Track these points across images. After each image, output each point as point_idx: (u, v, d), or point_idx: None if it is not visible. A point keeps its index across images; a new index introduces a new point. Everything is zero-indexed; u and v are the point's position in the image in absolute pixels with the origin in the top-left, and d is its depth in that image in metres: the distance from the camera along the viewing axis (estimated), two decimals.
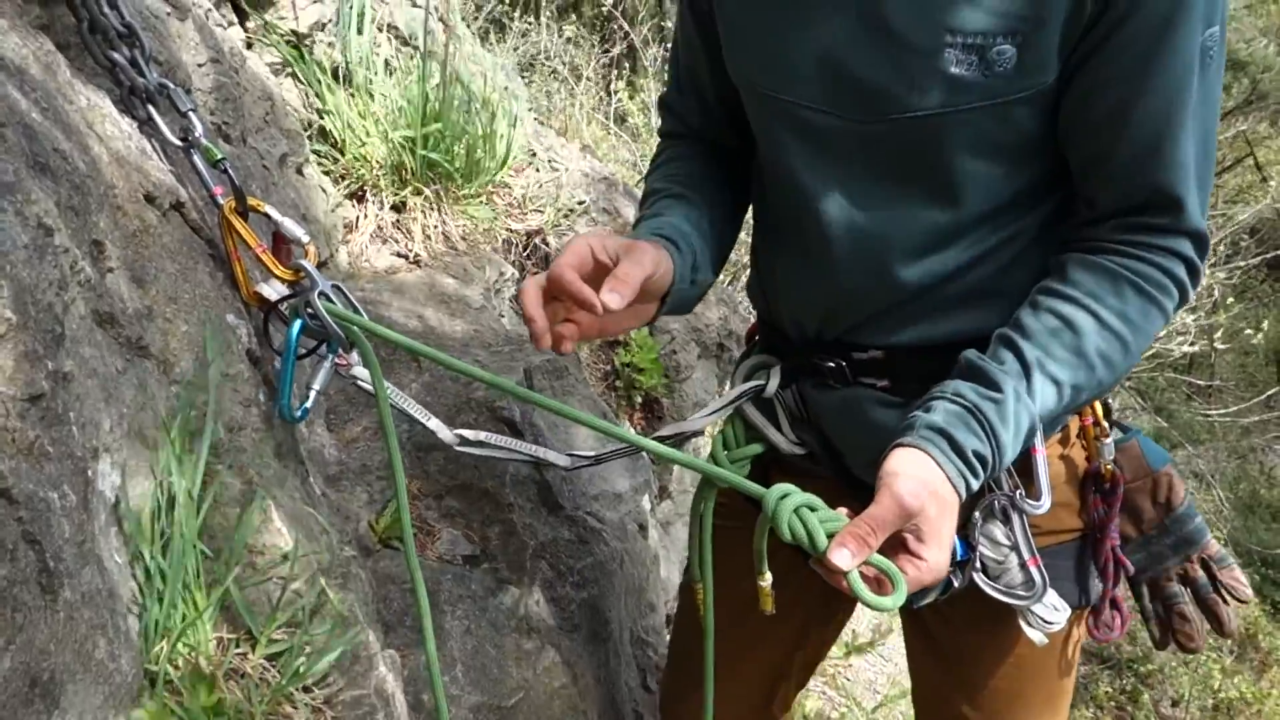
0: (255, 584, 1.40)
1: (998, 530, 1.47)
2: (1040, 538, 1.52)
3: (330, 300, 1.49)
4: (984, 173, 1.37)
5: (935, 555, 1.24)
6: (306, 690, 1.41)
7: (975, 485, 1.29)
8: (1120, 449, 1.62)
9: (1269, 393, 13.50)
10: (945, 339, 1.46)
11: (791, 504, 1.27)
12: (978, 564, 1.47)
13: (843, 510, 1.28)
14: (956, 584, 1.47)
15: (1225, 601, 1.62)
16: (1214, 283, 9.50)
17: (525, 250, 3.42)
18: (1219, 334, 9.24)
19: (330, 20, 3.08)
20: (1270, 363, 16.48)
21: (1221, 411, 11.34)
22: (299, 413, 1.59)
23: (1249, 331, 11.05)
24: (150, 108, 1.59)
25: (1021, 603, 1.47)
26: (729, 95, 1.59)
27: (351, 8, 3.11)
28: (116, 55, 1.55)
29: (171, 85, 1.60)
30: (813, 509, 1.27)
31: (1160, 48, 1.25)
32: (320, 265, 2.62)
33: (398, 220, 3.05)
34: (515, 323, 2.93)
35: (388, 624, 1.77)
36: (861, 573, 1.21)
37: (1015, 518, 1.46)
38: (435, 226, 3.06)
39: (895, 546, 1.24)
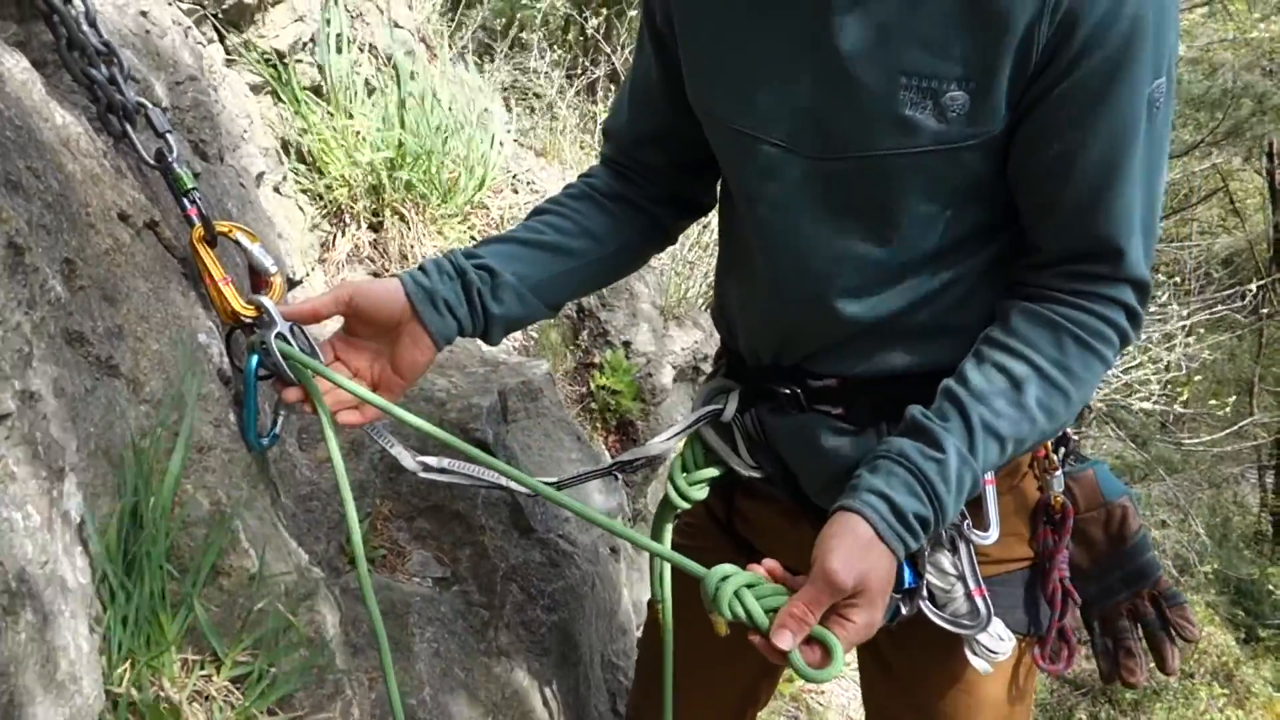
0: (221, 605, 1.39)
1: (945, 559, 1.48)
2: (990, 566, 1.54)
3: (287, 341, 1.50)
4: (933, 213, 1.39)
5: (864, 618, 1.27)
6: (271, 713, 1.41)
7: (914, 546, 1.31)
8: (1075, 478, 1.63)
9: (1241, 423, 13.63)
10: (899, 370, 1.48)
11: (731, 586, 1.31)
12: (924, 592, 1.48)
13: (767, 570, 1.34)
14: (905, 611, 1.49)
15: (1172, 640, 1.62)
16: (1178, 314, 9.60)
17: None
18: (1184, 396, 9.38)
19: (310, 40, 3.08)
20: (1241, 392, 16.64)
21: (1194, 441, 11.44)
22: (266, 440, 1.59)
23: (1214, 402, 11.15)
24: (127, 125, 1.58)
25: (966, 632, 1.48)
26: (680, 123, 1.61)
27: (332, 27, 3.12)
28: (94, 72, 1.55)
29: (149, 105, 1.60)
30: (751, 586, 1.31)
31: (1106, 100, 1.27)
32: (296, 284, 2.63)
33: (375, 240, 3.05)
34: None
35: (356, 646, 1.76)
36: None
37: (962, 547, 1.48)
38: (412, 246, 3.06)
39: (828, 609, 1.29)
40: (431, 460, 1.72)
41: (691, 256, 4.94)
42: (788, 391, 1.55)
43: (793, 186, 1.45)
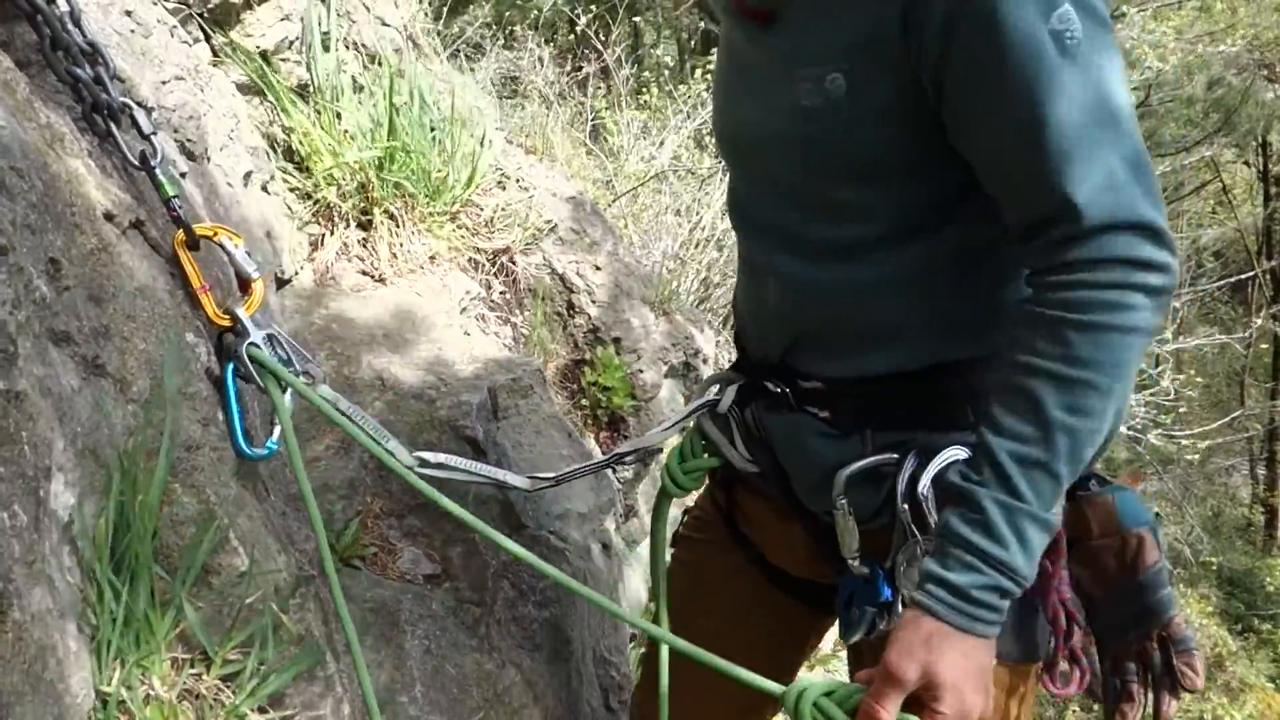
0: (211, 603, 1.39)
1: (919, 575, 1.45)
2: None
3: (258, 347, 1.53)
4: (859, 198, 1.42)
5: (952, 706, 1.26)
6: (262, 711, 1.41)
7: (998, 617, 1.29)
8: (1090, 502, 1.57)
9: (1232, 415, 13.67)
10: (878, 373, 1.49)
11: (810, 698, 1.31)
12: (899, 608, 1.46)
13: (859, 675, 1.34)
14: (881, 625, 1.49)
15: (1173, 689, 1.55)
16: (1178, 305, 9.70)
17: (492, 269, 3.42)
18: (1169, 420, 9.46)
19: (297, 38, 3.08)
20: (1232, 384, 16.69)
21: (1188, 434, 11.45)
22: (264, 451, 1.59)
23: (1185, 444, 11.11)
24: (111, 124, 1.58)
25: None
26: None
27: (318, 26, 3.11)
28: (79, 71, 1.55)
29: (134, 105, 1.60)
30: (830, 693, 1.32)
31: (991, 55, 1.23)
32: (286, 282, 2.63)
33: (364, 238, 3.04)
34: (481, 341, 2.93)
35: (347, 643, 1.76)
36: None
37: None
38: (401, 245, 3.06)
39: (920, 703, 1.27)
40: (429, 456, 1.73)
41: (684, 254, 4.95)
42: (778, 390, 1.57)
43: (744, 182, 1.60)
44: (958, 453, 1.42)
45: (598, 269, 3.78)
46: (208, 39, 2.81)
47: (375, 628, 1.87)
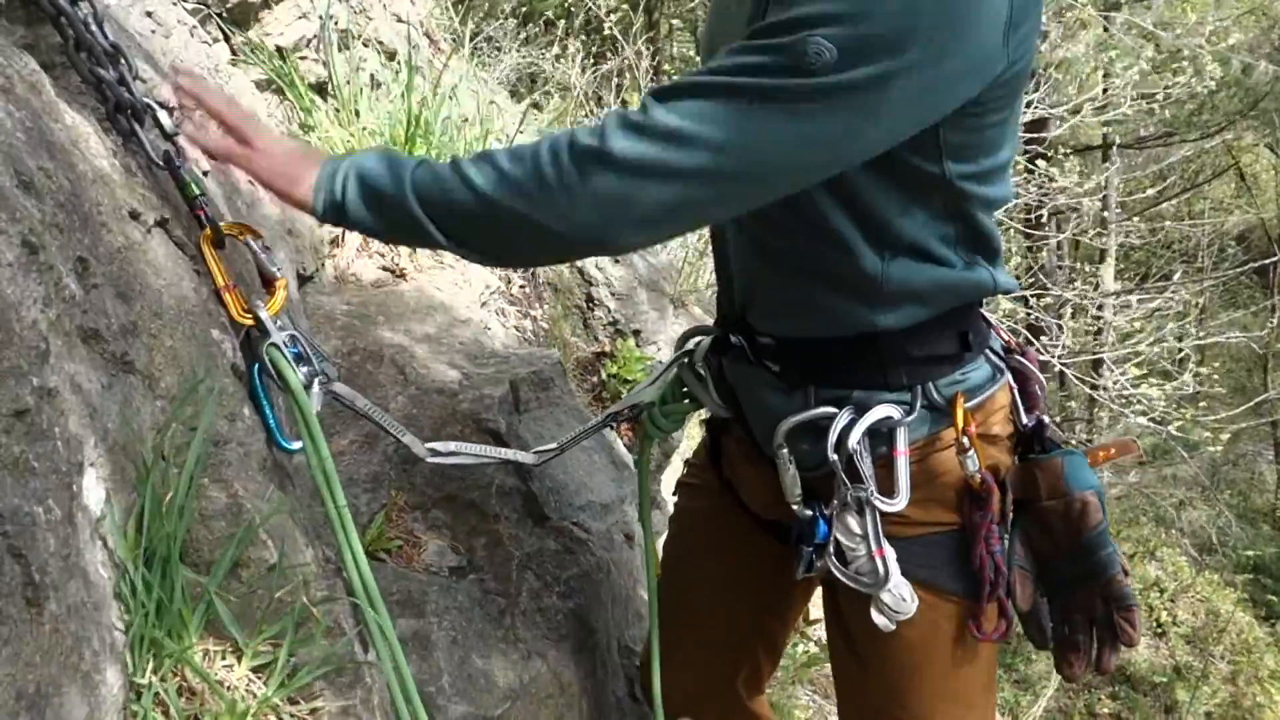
0: (241, 596, 1.41)
1: (853, 520, 1.60)
2: (912, 527, 1.63)
3: (278, 348, 1.56)
4: None
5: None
6: (293, 702, 1.42)
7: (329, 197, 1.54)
8: (1040, 465, 1.66)
9: (1258, 399, 13.56)
10: (811, 336, 1.61)
11: None
12: (832, 549, 1.63)
13: None
14: (818, 564, 1.65)
15: (1114, 643, 1.61)
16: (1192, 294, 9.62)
17: None
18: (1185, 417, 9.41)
19: (315, 36, 3.09)
20: (1257, 368, 16.56)
21: (1215, 419, 11.40)
22: (299, 444, 1.61)
23: (1208, 435, 11.01)
24: (135, 124, 1.60)
25: (865, 589, 1.61)
26: None
27: (336, 24, 3.13)
28: (102, 72, 1.57)
29: (156, 105, 1.61)
30: None
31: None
32: (307, 279, 2.65)
33: None
34: (501, 335, 2.94)
35: (369, 634, 1.77)
36: None
37: (868, 511, 1.59)
38: None
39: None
40: (439, 445, 1.80)
41: (702, 245, 4.95)
42: (739, 344, 1.70)
43: None
44: (890, 411, 1.56)
45: (616, 262, 3.79)
46: (227, 39, 2.84)
47: (402, 620, 1.88)
